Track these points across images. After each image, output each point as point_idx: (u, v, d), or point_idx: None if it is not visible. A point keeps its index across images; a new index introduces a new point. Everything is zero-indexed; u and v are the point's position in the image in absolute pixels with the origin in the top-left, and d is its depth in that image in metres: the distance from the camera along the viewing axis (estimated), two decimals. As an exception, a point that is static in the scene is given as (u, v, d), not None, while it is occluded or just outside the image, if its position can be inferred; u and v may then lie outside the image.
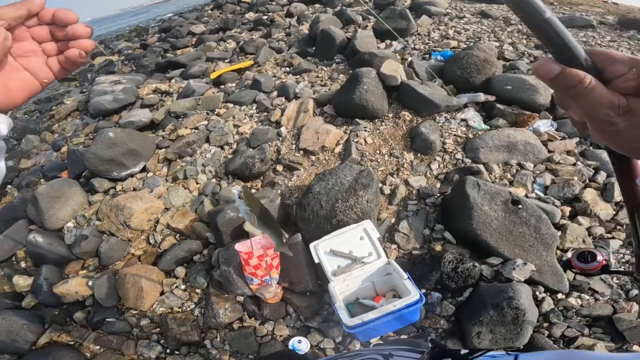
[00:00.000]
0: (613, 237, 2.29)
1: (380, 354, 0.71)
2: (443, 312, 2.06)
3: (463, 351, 0.60)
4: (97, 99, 5.32)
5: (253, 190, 3.27)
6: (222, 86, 4.79)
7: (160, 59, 6.81)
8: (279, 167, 3.37)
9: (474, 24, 5.47)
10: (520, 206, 2.33)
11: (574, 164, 2.84)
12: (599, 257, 1.12)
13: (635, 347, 1.88)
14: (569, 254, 1.59)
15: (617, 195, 2.48)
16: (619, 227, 2.36)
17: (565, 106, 0.43)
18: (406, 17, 4.94)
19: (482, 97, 3.68)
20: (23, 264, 3.31)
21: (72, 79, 8.62)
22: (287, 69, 4.78)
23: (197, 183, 3.56)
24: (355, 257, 2.17)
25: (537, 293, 2.01)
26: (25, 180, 4.50)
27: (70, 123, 5.89)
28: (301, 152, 3.43)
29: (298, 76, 4.45)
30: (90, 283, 2.83)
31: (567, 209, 2.46)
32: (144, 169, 3.92)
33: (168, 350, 2.32)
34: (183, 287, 2.65)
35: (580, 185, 2.59)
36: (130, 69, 7.23)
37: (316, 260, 2.20)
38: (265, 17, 7.36)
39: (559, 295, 2.06)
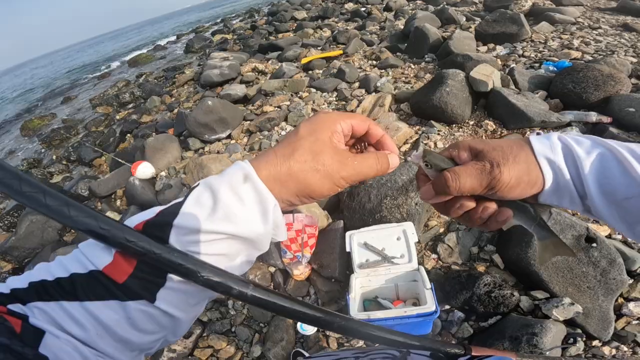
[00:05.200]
0: None
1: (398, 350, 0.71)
2: (459, 333, 1.88)
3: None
4: (207, 72, 6.07)
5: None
6: (310, 72, 5.01)
7: (264, 41, 7.40)
8: (343, 156, 3.42)
9: (610, 37, 4.67)
10: (594, 245, 1.98)
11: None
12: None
13: None
14: None
15: None
16: None
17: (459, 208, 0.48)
18: (518, 22, 4.43)
19: (594, 117, 3.14)
20: (118, 202, 4.01)
21: (194, 50, 9.97)
22: (374, 62, 4.74)
23: (268, 156, 3.83)
24: (386, 256, 2.11)
25: (571, 336, 1.75)
26: (141, 132, 5.43)
27: (186, 90, 6.86)
28: (367, 144, 3.41)
29: (383, 70, 4.39)
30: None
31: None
32: (229, 136, 4.37)
33: (195, 302, 2.55)
34: (230, 246, 2.91)
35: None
36: (239, 47, 8.03)
37: (347, 249, 2.20)
38: (363, 9, 7.39)
39: (595, 342, 1.78)
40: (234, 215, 0.35)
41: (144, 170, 3.92)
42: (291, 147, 0.39)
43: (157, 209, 0.36)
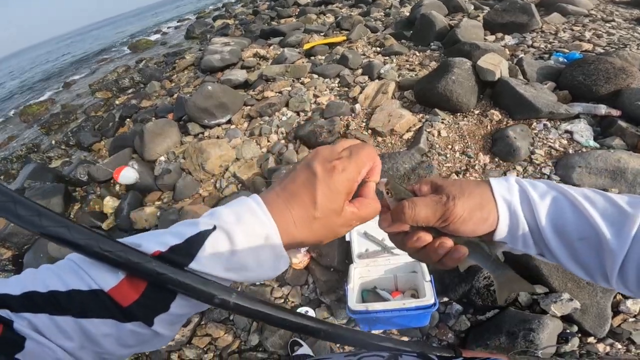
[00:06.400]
0: None
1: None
2: (456, 326, 1.87)
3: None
4: (208, 57, 5.96)
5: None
6: (312, 57, 4.92)
7: (266, 26, 7.25)
8: (344, 143, 3.36)
9: (623, 30, 4.55)
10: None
11: None
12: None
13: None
14: None
15: None
16: None
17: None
18: (529, 12, 4.32)
19: (603, 109, 3.06)
20: (117, 187, 3.95)
21: (195, 36, 9.82)
22: (378, 49, 4.65)
23: (268, 141, 3.77)
24: (386, 246, 2.08)
25: (568, 332, 1.74)
26: (141, 117, 5.36)
27: (186, 75, 6.76)
28: (369, 131, 3.35)
29: (387, 57, 4.30)
30: (159, 214, 3.25)
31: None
32: (229, 121, 4.31)
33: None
34: (228, 234, 2.89)
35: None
36: (240, 32, 7.88)
37: (347, 238, 2.18)
38: (368, -5, 7.22)
39: (590, 339, 1.78)
40: (247, 269, 0.38)
41: (127, 174, 3.70)
42: (309, 223, 0.41)
43: (168, 242, 0.36)
